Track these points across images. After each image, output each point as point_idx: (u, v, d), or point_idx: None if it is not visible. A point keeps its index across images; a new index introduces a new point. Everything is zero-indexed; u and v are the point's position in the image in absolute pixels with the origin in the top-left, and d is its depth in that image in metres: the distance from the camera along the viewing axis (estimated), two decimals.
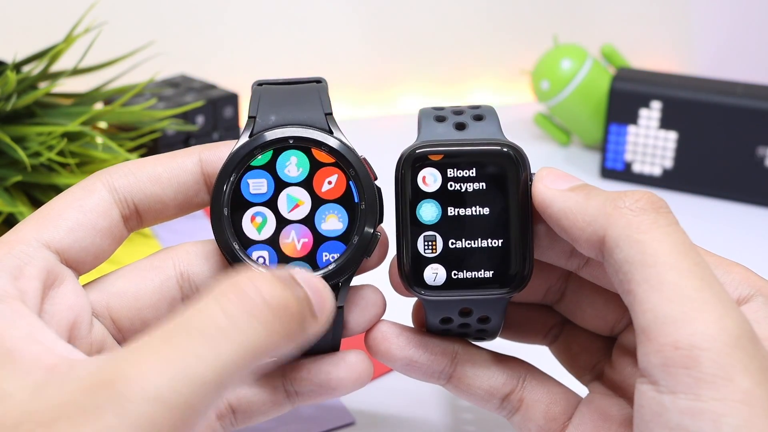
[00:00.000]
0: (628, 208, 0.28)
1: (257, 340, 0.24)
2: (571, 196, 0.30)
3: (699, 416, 0.24)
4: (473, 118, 0.33)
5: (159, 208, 0.32)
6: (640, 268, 0.26)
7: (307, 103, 0.33)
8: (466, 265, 0.32)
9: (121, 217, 0.32)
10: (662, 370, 0.25)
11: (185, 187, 0.32)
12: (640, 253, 0.27)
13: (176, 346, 0.23)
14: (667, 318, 0.25)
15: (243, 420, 0.34)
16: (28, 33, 0.69)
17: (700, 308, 0.25)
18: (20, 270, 0.28)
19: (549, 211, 0.30)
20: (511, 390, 0.34)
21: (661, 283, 0.26)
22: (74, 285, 0.30)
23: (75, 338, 0.29)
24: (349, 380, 0.34)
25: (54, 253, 0.30)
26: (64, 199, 0.31)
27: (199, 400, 0.23)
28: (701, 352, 0.24)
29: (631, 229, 0.27)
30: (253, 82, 0.34)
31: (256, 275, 0.25)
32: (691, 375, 0.24)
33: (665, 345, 0.25)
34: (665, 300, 0.25)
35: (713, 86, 0.67)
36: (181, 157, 0.33)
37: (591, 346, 0.36)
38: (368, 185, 0.32)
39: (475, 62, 0.89)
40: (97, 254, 0.31)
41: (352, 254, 0.32)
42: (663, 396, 0.25)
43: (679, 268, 0.26)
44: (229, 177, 0.32)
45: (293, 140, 0.32)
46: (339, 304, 0.33)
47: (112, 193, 0.31)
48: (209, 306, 0.24)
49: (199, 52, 0.79)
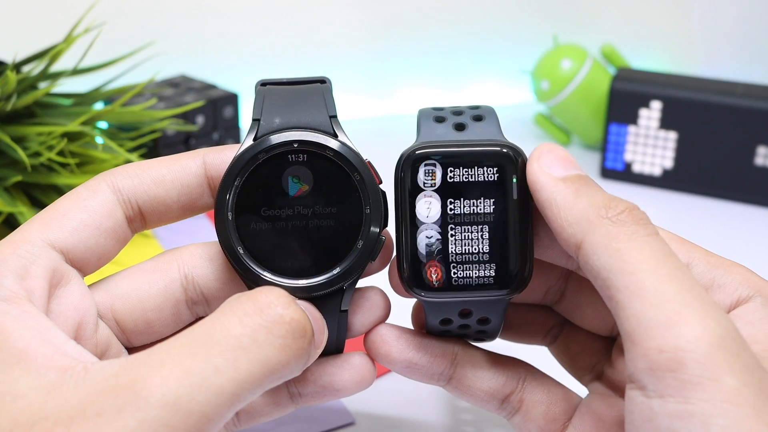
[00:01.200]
0: (609, 218, 0.28)
1: (274, 356, 0.25)
2: (561, 190, 0.30)
3: (688, 419, 0.24)
4: (473, 119, 0.33)
5: (162, 210, 0.32)
6: (619, 275, 0.26)
7: (312, 105, 0.33)
8: (466, 266, 0.32)
9: (125, 217, 0.32)
10: (649, 374, 0.25)
11: (188, 189, 0.32)
12: (619, 261, 0.27)
13: (196, 356, 0.24)
14: (650, 322, 0.25)
15: (246, 421, 0.34)
16: (28, 33, 0.69)
17: (682, 311, 0.25)
18: (26, 269, 0.28)
19: (537, 194, 0.30)
20: (511, 391, 0.34)
21: (642, 288, 0.26)
22: (80, 285, 0.30)
23: (81, 338, 0.30)
24: (353, 382, 0.34)
25: (59, 252, 0.30)
26: (68, 200, 0.31)
27: (215, 411, 0.24)
28: (686, 354, 0.24)
29: (610, 238, 0.27)
30: (257, 82, 0.34)
31: (274, 294, 0.26)
32: (677, 378, 0.24)
33: (650, 349, 0.25)
34: (647, 305, 0.25)
35: (713, 86, 0.67)
36: (184, 159, 0.33)
37: (591, 346, 0.36)
38: (373, 190, 0.32)
39: (475, 62, 0.89)
40: (101, 254, 0.31)
41: (357, 258, 0.32)
42: (652, 400, 0.25)
43: (658, 274, 0.26)
44: (234, 181, 0.32)
45: (298, 144, 0.32)
46: (343, 308, 0.33)
47: (116, 193, 0.31)
48: (229, 320, 0.25)
49: (199, 52, 0.79)
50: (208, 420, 0.23)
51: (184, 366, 0.24)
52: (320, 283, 0.32)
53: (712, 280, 0.30)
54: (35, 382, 0.24)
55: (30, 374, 0.24)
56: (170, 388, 0.23)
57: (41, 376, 0.24)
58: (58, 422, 0.23)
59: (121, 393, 0.23)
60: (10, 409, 0.24)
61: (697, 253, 0.31)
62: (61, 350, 0.25)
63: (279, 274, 0.32)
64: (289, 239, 0.32)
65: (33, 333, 0.25)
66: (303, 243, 0.32)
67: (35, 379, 0.24)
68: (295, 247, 0.32)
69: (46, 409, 0.23)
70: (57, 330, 0.26)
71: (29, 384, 0.24)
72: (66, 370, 0.24)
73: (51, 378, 0.24)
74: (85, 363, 0.25)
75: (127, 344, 0.32)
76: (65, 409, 0.23)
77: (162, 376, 0.23)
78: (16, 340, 0.25)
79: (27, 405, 0.23)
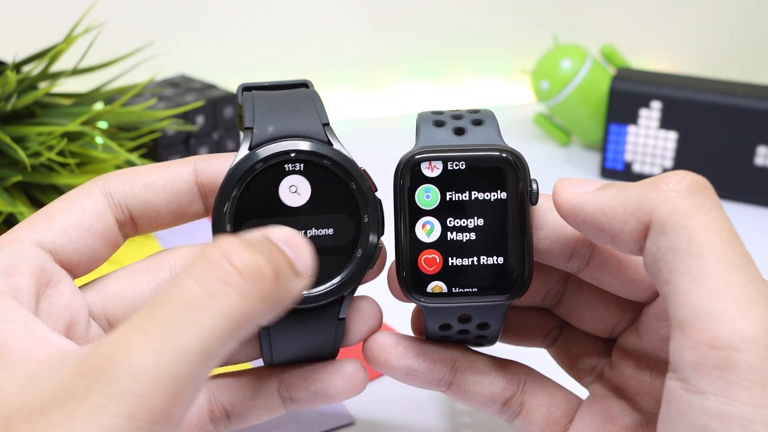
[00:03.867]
0: (672, 190, 0.26)
1: (234, 306, 0.24)
2: (605, 193, 0.28)
3: (728, 420, 0.23)
4: (472, 123, 0.33)
5: (152, 216, 0.32)
6: (684, 257, 0.25)
7: (303, 113, 0.32)
8: (465, 272, 0.32)
9: (115, 221, 0.32)
10: (694, 368, 0.24)
11: (179, 195, 0.32)
12: (687, 242, 0.25)
13: (157, 321, 0.23)
14: (707, 313, 0.24)
15: (237, 423, 0.34)
16: (28, 33, 0.69)
17: (742, 306, 0.24)
18: (13, 267, 0.28)
19: (583, 213, 0.29)
20: (511, 394, 0.34)
21: (705, 274, 0.24)
22: (70, 285, 0.30)
23: (72, 338, 0.30)
24: (344, 389, 0.34)
25: (47, 252, 0.30)
26: (60, 202, 0.31)
27: (185, 372, 0.23)
28: (738, 354, 0.23)
29: (678, 214, 0.26)
30: (239, 87, 0.34)
31: (224, 244, 0.25)
32: (724, 377, 0.23)
33: (701, 343, 0.24)
34: (707, 294, 0.24)
35: (713, 86, 0.67)
36: (176, 165, 0.33)
37: (590, 348, 0.36)
38: (370, 198, 0.32)
39: (475, 62, 0.89)
40: (91, 257, 0.31)
41: (356, 267, 0.32)
42: (690, 395, 0.24)
43: (725, 260, 0.25)
44: (231, 192, 0.31)
45: (295, 154, 0.32)
46: (341, 316, 0.33)
47: (107, 197, 0.32)
48: (184, 280, 0.24)
49: (199, 52, 0.79)
50: (181, 382, 0.23)
51: (146, 333, 0.23)
52: (321, 293, 0.32)
53: None
54: (13, 375, 0.24)
55: (8, 367, 0.24)
56: (135, 358, 0.23)
57: (19, 368, 0.24)
58: (33, 411, 0.23)
59: (89, 373, 0.23)
60: None
61: None
62: (44, 341, 0.25)
63: None
64: None
65: (13, 326, 0.25)
66: None
67: (12, 371, 0.24)
68: None
69: (23, 400, 0.23)
70: (39, 323, 0.26)
71: (7, 377, 0.24)
72: (43, 361, 0.24)
73: (28, 369, 0.24)
74: (62, 351, 0.25)
75: None
76: (39, 397, 0.23)
77: (126, 348, 0.23)
78: None
79: (4, 398, 0.23)
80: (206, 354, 0.24)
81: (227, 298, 0.24)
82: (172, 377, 0.23)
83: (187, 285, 0.24)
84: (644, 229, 0.27)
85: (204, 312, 0.24)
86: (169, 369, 0.23)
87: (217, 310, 0.24)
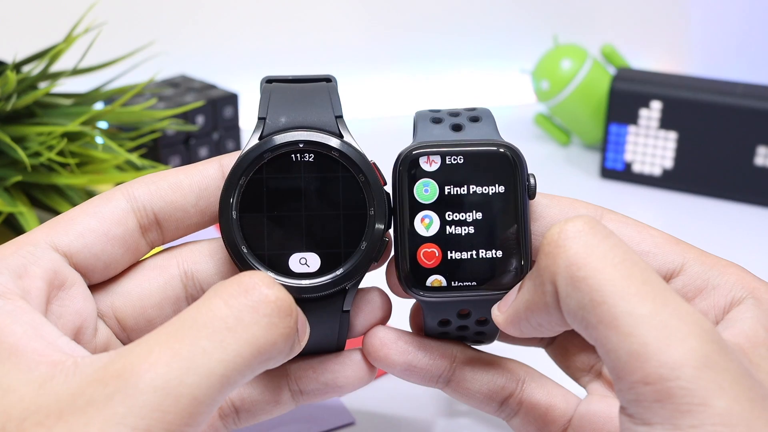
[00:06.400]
0: (558, 248, 0.26)
1: (260, 334, 0.25)
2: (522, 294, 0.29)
3: None
4: (469, 120, 0.33)
5: (180, 216, 0.32)
6: (592, 309, 0.25)
7: (318, 105, 0.33)
8: (464, 266, 0.32)
9: (138, 226, 0.32)
10: (637, 405, 0.24)
11: (207, 192, 0.32)
12: (588, 293, 0.25)
13: (183, 339, 0.24)
14: (630, 355, 0.24)
15: (246, 419, 0.34)
16: (28, 33, 0.69)
17: (660, 336, 0.24)
18: (25, 269, 0.28)
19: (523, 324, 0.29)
20: (510, 393, 0.34)
21: (615, 318, 0.24)
22: (83, 289, 0.30)
23: (79, 342, 0.30)
24: (355, 378, 0.34)
25: (62, 255, 0.30)
26: (81, 207, 0.31)
27: (205, 393, 0.24)
28: (671, 382, 0.23)
29: (572, 269, 0.26)
30: (263, 78, 0.34)
31: (257, 274, 0.26)
32: (665, 407, 0.23)
33: (635, 383, 0.24)
34: (624, 336, 0.24)
35: (713, 86, 0.67)
36: (202, 164, 0.33)
37: (588, 347, 0.36)
38: (378, 191, 0.32)
39: (476, 62, 0.89)
40: (108, 262, 0.31)
41: (360, 260, 0.32)
42: (639, 428, 0.24)
43: (628, 295, 0.25)
44: (239, 180, 0.32)
45: (303, 144, 0.32)
46: (345, 309, 0.33)
47: (130, 201, 0.31)
48: (215, 302, 0.25)
49: (199, 52, 0.79)
50: (199, 403, 0.23)
51: (172, 350, 0.24)
52: (324, 284, 0.32)
53: (706, 281, 0.30)
54: (26, 377, 0.24)
55: (21, 369, 0.24)
56: (158, 373, 0.23)
57: (32, 370, 0.24)
58: (50, 415, 0.23)
59: (110, 382, 0.23)
60: (1, 403, 0.24)
61: (692, 254, 0.31)
62: (53, 345, 0.25)
63: (283, 274, 0.32)
64: (294, 239, 0.32)
65: (25, 328, 0.26)
66: (307, 243, 0.32)
67: (26, 373, 0.24)
68: (299, 247, 0.32)
69: (38, 403, 0.23)
70: (50, 326, 0.26)
71: (20, 378, 0.24)
72: (57, 365, 0.24)
73: (42, 372, 0.24)
74: (75, 357, 0.25)
75: (128, 342, 0.32)
76: (56, 401, 0.23)
77: (150, 362, 0.23)
78: (7, 335, 0.25)
79: (18, 399, 0.23)
80: (227, 379, 0.24)
81: (255, 325, 0.25)
82: (192, 397, 0.23)
83: (217, 307, 0.25)
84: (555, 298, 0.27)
85: (231, 336, 0.24)
86: (190, 389, 0.23)
87: (244, 337, 0.25)
